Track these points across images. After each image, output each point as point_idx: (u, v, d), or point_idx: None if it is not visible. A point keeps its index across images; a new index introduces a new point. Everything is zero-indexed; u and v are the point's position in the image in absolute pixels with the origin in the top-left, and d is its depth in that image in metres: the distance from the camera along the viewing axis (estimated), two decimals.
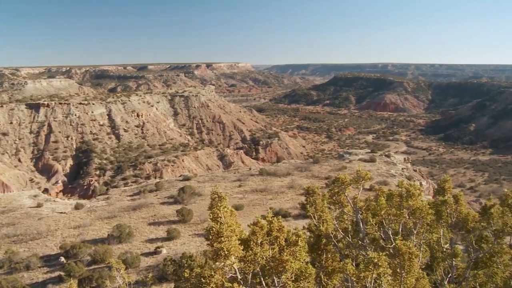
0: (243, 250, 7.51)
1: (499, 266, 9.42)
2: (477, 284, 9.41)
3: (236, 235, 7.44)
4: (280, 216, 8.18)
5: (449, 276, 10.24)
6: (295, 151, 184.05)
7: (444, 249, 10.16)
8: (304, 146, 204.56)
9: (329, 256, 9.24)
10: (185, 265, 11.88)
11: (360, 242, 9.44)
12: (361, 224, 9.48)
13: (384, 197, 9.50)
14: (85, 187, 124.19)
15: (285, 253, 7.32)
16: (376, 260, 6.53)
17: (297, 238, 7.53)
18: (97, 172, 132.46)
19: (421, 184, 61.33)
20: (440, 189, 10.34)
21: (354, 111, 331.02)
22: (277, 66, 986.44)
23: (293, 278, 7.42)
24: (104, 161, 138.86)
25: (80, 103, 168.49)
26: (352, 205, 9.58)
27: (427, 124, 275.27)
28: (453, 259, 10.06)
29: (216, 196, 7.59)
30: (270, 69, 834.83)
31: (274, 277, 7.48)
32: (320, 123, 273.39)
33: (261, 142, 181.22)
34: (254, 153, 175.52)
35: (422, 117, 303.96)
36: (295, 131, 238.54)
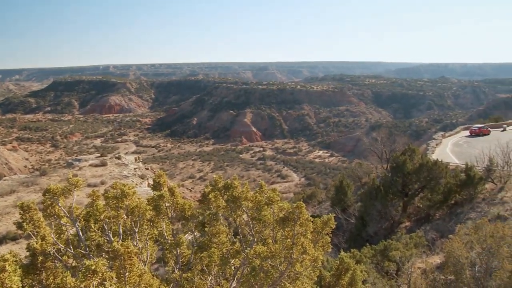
0: None
1: (218, 246, 10.35)
2: (204, 265, 10.10)
3: None
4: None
5: (177, 265, 10.80)
6: (17, 165, 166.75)
7: (169, 241, 10.64)
8: (27, 159, 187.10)
9: (49, 273, 8.65)
10: None
11: (83, 252, 9.12)
12: (80, 232, 9.16)
13: (99, 200, 9.39)
14: None
15: None
16: (93, 267, 6.38)
17: (4, 263, 6.75)
18: None
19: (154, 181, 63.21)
20: (156, 184, 10.74)
21: (79, 116, 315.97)
22: None
23: None
24: None
25: None
26: (68, 215, 9.17)
27: (153, 122, 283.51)
28: (178, 248, 10.64)
29: None
30: None
31: None
32: (43, 132, 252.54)
33: None
34: None
35: (147, 116, 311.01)
36: (15, 144, 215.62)
